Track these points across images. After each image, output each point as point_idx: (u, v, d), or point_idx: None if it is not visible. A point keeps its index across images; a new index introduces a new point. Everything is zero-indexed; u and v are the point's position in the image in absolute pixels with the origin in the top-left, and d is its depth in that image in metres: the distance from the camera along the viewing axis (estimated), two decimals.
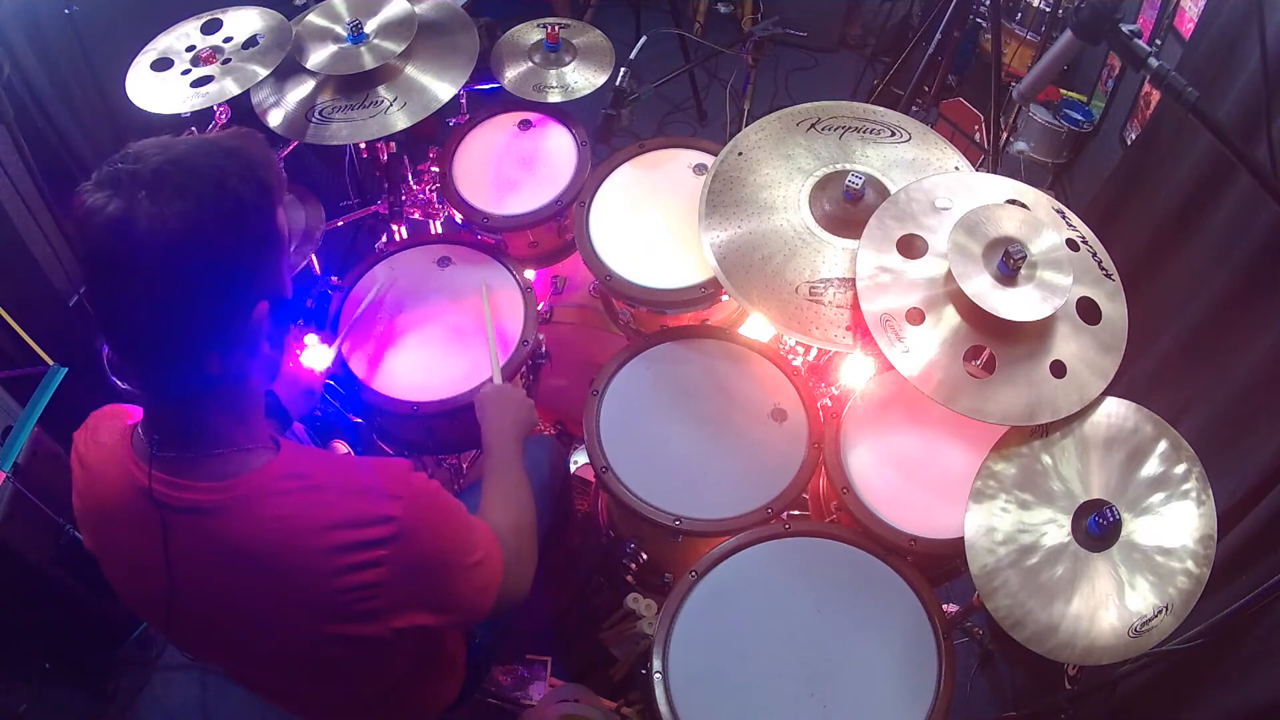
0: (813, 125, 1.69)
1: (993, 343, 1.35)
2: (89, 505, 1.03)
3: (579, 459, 2.21)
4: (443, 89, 1.82)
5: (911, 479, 1.55)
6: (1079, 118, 3.05)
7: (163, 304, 0.84)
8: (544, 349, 1.88)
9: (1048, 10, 3.19)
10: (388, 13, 1.87)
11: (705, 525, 1.53)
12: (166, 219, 0.81)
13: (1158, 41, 2.59)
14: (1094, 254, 1.44)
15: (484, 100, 2.13)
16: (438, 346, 1.80)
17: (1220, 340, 1.80)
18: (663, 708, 1.33)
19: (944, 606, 1.44)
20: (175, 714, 2.12)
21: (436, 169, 2.05)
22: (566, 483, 1.86)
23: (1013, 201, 1.46)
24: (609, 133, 1.93)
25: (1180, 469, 1.31)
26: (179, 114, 1.68)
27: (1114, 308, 1.40)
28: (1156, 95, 2.53)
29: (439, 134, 2.12)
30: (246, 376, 0.96)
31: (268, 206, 0.92)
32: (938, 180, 1.50)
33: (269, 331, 0.95)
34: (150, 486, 0.92)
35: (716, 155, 1.70)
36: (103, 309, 0.87)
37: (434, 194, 2.21)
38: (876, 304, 1.37)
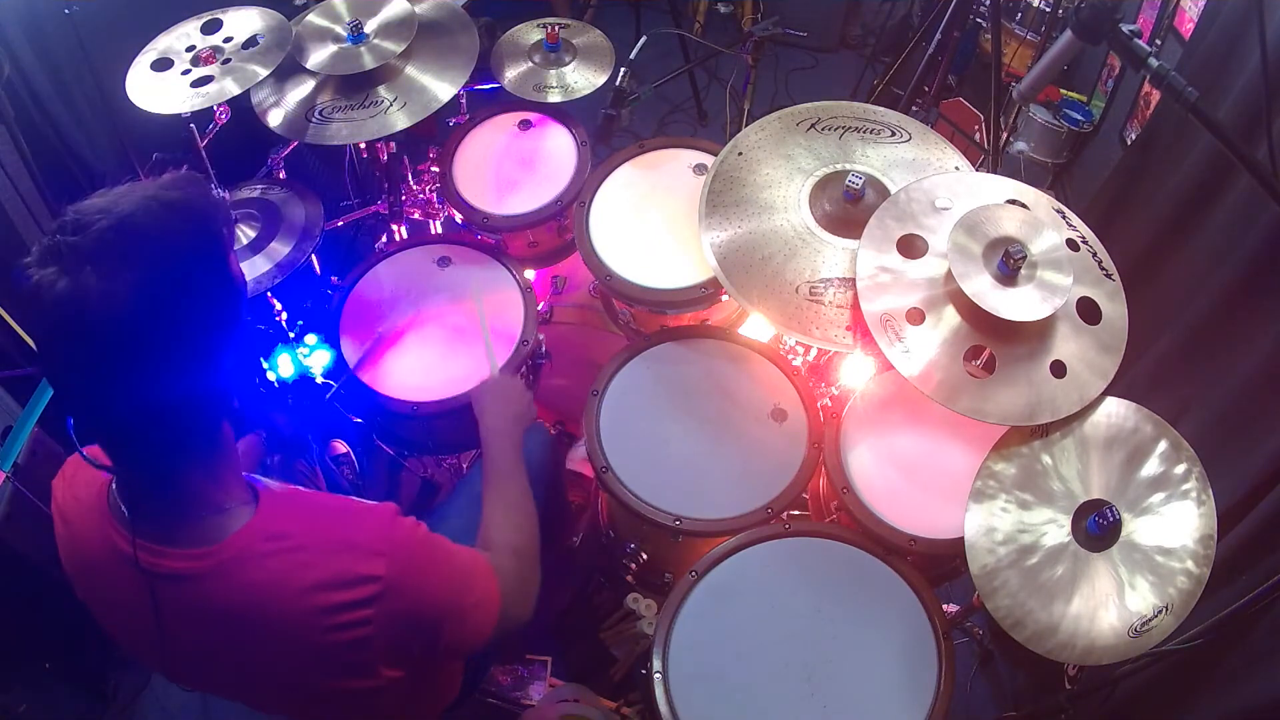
0: (813, 125, 1.69)
1: (993, 343, 1.35)
2: (74, 561, 1.01)
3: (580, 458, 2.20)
4: (443, 89, 1.82)
5: (911, 479, 1.55)
6: (1079, 118, 3.05)
7: (125, 378, 0.80)
8: (544, 349, 1.88)
9: (1048, 10, 3.19)
10: (388, 13, 1.87)
11: (705, 525, 1.53)
12: (117, 293, 0.77)
13: (1158, 41, 2.59)
14: (1094, 254, 1.44)
15: (484, 100, 2.13)
16: (438, 346, 1.80)
17: (1220, 340, 1.80)
18: (663, 708, 1.33)
19: (944, 606, 1.44)
20: (175, 714, 2.11)
21: (436, 169, 2.05)
22: (558, 474, 1.84)
23: (1013, 201, 1.46)
24: (609, 133, 1.93)
25: (1180, 469, 1.31)
26: (179, 114, 1.68)
27: (1114, 308, 1.40)
28: (1156, 95, 2.53)
29: (439, 134, 2.12)
30: (217, 435, 0.93)
31: (219, 256, 0.88)
32: (938, 180, 1.50)
33: (236, 385, 0.92)
34: (134, 555, 0.90)
35: (716, 155, 1.70)
36: (62, 386, 0.82)
37: (434, 194, 2.21)
38: (876, 304, 1.37)
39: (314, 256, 1.96)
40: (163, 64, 1.74)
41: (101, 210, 0.80)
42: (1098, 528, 1.27)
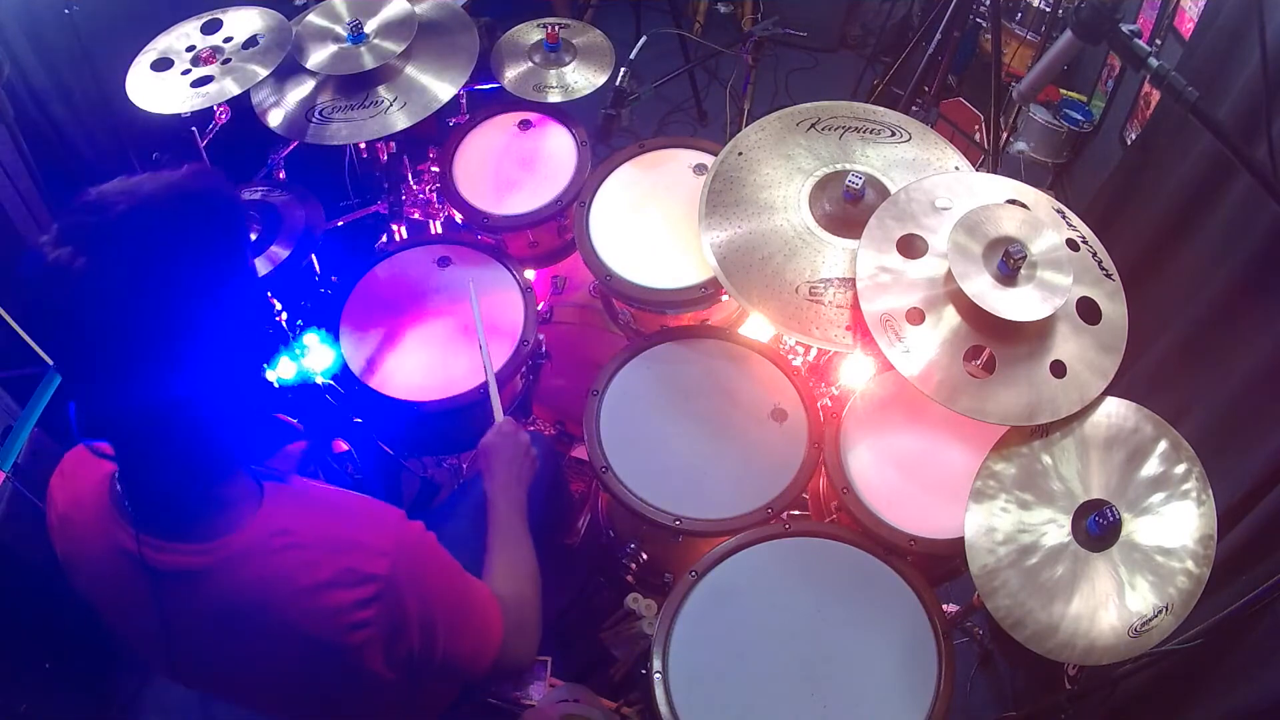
0: (813, 125, 1.69)
1: (993, 343, 1.35)
2: (74, 557, 1.01)
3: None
4: (443, 89, 1.82)
5: (911, 479, 1.55)
6: (1079, 118, 3.05)
7: (136, 366, 0.80)
8: (544, 349, 1.88)
9: (1048, 10, 3.19)
10: (388, 13, 1.87)
11: (705, 525, 1.53)
12: (135, 276, 0.77)
13: (1158, 41, 2.59)
14: (1094, 254, 1.44)
15: (484, 100, 2.13)
16: (438, 346, 1.80)
17: (1220, 340, 1.80)
18: (663, 708, 1.33)
19: (944, 606, 1.44)
20: (175, 714, 2.12)
21: (436, 169, 2.05)
22: (558, 477, 1.84)
23: (1013, 201, 1.46)
24: (609, 133, 1.93)
25: (1180, 469, 1.31)
26: (179, 114, 1.68)
27: (1114, 308, 1.40)
28: (1156, 95, 2.53)
29: (439, 134, 2.12)
30: (225, 426, 0.91)
31: (238, 251, 0.88)
32: (938, 180, 1.50)
33: (247, 380, 0.92)
34: (137, 550, 0.90)
35: (716, 155, 1.70)
36: (68, 370, 0.82)
37: (434, 194, 2.21)
38: (876, 304, 1.37)
39: (314, 256, 1.96)
40: (163, 64, 1.74)
41: (124, 192, 0.80)
42: (1098, 528, 1.27)
